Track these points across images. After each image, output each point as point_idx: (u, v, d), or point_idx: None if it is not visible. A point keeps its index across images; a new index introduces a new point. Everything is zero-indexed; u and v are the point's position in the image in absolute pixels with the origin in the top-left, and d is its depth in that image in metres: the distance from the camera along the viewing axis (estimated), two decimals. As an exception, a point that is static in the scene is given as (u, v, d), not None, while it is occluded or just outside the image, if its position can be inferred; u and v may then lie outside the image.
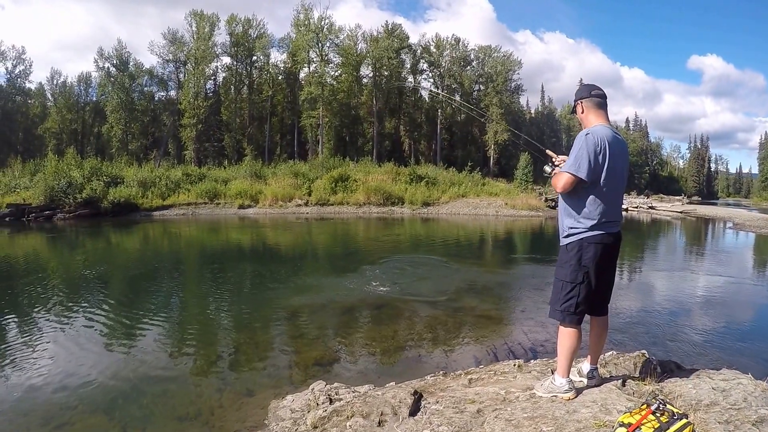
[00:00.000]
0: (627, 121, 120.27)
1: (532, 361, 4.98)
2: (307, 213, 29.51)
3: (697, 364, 5.88)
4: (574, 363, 3.79)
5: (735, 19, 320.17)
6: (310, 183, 34.31)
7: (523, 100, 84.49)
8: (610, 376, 4.05)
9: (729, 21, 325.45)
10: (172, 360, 6.38)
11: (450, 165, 47.61)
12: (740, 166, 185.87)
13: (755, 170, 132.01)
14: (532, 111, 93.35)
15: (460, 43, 67.92)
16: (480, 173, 46.84)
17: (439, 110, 66.64)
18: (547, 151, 4.12)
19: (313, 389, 4.73)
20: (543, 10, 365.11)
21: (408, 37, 63.76)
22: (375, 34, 61.28)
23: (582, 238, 3.43)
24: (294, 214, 28.47)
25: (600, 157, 3.32)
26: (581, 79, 75.46)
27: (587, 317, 3.64)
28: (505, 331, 7.94)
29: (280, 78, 61.15)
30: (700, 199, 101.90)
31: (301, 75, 59.51)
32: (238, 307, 8.98)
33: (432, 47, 66.88)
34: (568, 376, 3.60)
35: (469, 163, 47.22)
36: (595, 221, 3.39)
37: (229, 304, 9.13)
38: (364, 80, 61.98)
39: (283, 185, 33.43)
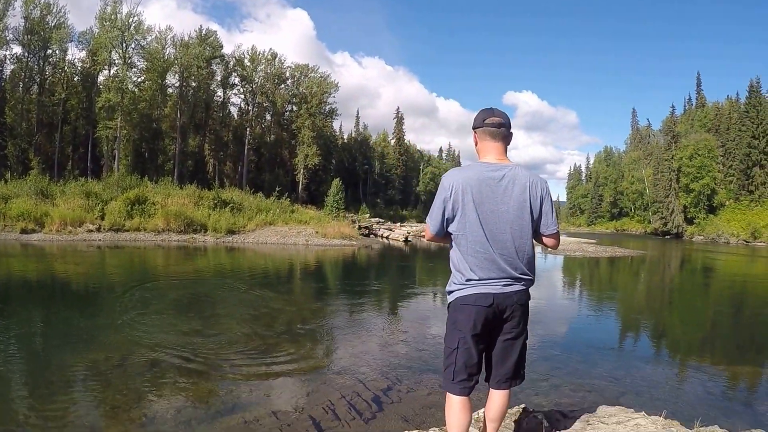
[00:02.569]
0: (440, 150, 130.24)
1: None
2: (100, 240, 28.38)
3: (570, 403, 6.82)
4: None
5: (551, 59, 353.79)
6: (104, 205, 32.61)
7: (336, 125, 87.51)
8: None
9: (545, 61, 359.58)
10: None
11: (257, 189, 47.89)
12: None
13: (563, 198, 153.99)
14: (345, 136, 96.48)
15: (277, 59, 68.35)
16: (289, 199, 47.96)
17: (248, 129, 66.62)
18: None
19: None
20: (365, 33, 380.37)
21: (222, 46, 63.23)
22: (186, 39, 59.40)
23: (456, 298, 3.23)
24: (85, 242, 27.31)
25: (450, 203, 3.11)
26: (399, 111, 79.48)
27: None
28: (337, 382, 8.06)
29: (76, 79, 56.54)
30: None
31: (100, 78, 55.74)
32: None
33: (246, 60, 66.39)
34: None
35: (278, 188, 48.00)
36: (467, 279, 3.16)
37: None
38: (170, 90, 59.86)
39: (73, 207, 31.30)
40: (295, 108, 71.11)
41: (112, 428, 6.14)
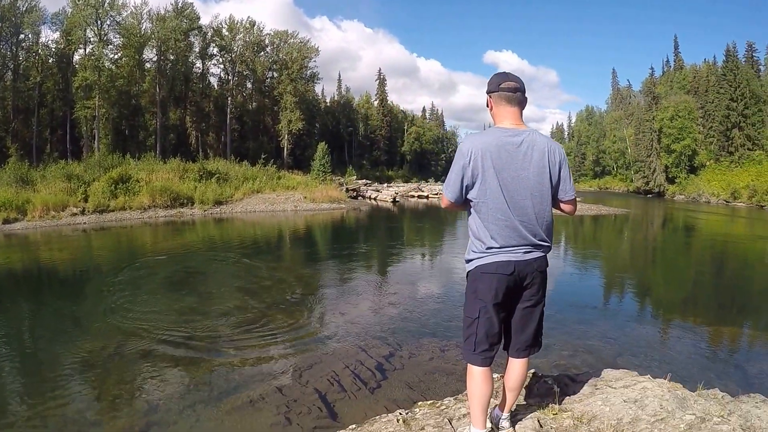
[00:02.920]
0: (424, 110, 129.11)
1: (417, 410, 4.31)
2: (85, 223, 27.71)
3: (573, 366, 6.98)
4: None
5: (531, 18, 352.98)
6: (86, 186, 31.62)
7: (318, 89, 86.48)
8: (515, 411, 3.71)
9: (525, 20, 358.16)
10: None
11: (242, 158, 47.39)
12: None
13: None
14: (328, 100, 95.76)
15: (255, 27, 67.16)
16: (275, 165, 47.42)
17: (229, 98, 65.71)
18: None
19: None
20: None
21: (199, 18, 61.66)
22: (162, 12, 57.63)
23: (476, 266, 3.17)
24: (70, 226, 26.65)
25: (469, 170, 3.03)
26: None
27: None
28: (338, 351, 8.06)
29: (51, 61, 54.51)
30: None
31: (76, 58, 54.01)
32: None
33: (224, 30, 65.20)
34: (483, 428, 3.25)
35: (263, 155, 47.48)
36: (488, 247, 3.09)
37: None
38: (147, 65, 58.53)
39: (54, 191, 30.27)
40: (275, 74, 69.99)
41: (116, 420, 5.93)
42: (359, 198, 47.95)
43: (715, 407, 3.57)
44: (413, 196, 54.35)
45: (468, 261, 3.24)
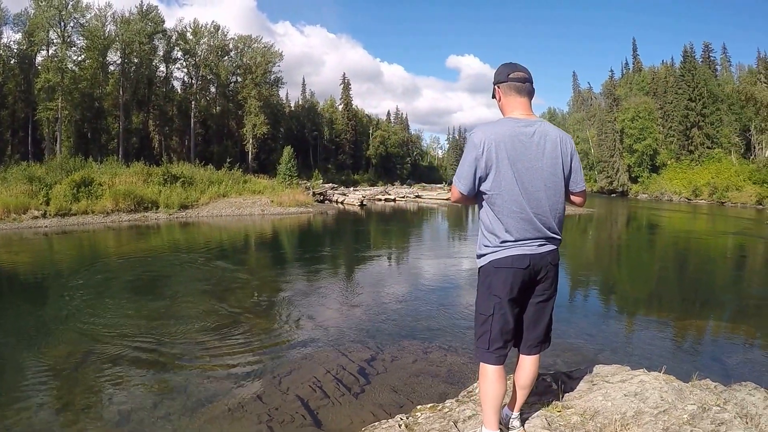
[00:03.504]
0: (388, 114, 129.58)
1: (419, 414, 4.22)
2: (46, 226, 27.01)
3: (561, 365, 6.91)
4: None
5: (493, 23, 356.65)
6: (48, 189, 30.74)
7: (282, 93, 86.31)
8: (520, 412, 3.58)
9: (487, 25, 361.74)
10: None
11: (206, 162, 46.66)
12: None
13: None
14: (292, 104, 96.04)
15: (220, 31, 66.98)
16: (240, 170, 47.14)
17: (193, 102, 65.07)
18: None
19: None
20: (305, 2, 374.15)
21: (163, 21, 61.50)
22: (127, 15, 57.36)
23: (490, 261, 3.06)
24: (31, 229, 25.98)
25: (483, 161, 2.92)
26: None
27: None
28: (317, 356, 7.87)
29: (12, 62, 53.53)
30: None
31: (39, 59, 53.32)
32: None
33: (189, 34, 64.72)
34: (497, 428, 3.16)
35: (229, 159, 47.33)
36: (502, 240, 3.00)
37: None
38: (111, 67, 57.91)
39: (15, 193, 29.41)
40: (239, 79, 69.80)
41: (91, 428, 5.70)
42: (326, 202, 47.87)
43: (711, 397, 3.65)
44: (380, 200, 54.64)
45: (480, 256, 3.13)
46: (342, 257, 19.48)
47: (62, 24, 50.34)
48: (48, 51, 51.24)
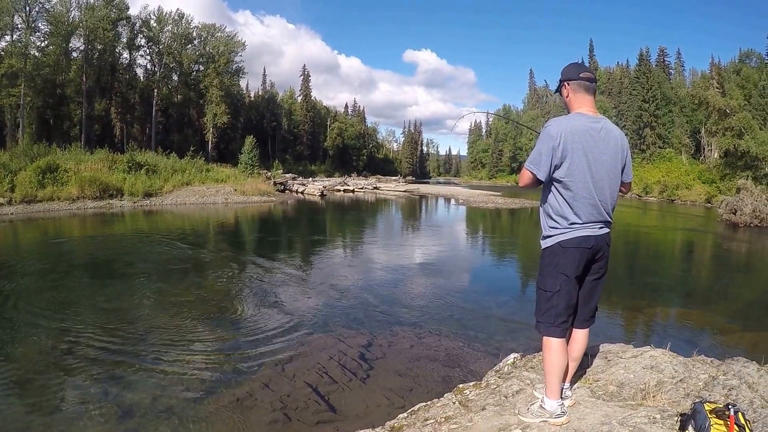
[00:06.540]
0: (346, 106, 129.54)
1: (467, 392, 4.45)
2: (12, 213, 26.37)
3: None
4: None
5: (450, 19, 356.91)
6: (13, 176, 29.85)
7: (243, 83, 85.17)
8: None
9: (444, 21, 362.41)
10: None
11: (168, 150, 45.85)
12: (449, 149, 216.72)
13: (463, 152, 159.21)
14: (252, 95, 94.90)
15: (184, 19, 65.50)
16: (202, 158, 47.03)
17: (156, 90, 63.68)
18: None
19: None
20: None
21: (128, 8, 59.77)
22: (92, 1, 55.50)
23: (558, 242, 3.31)
24: None
25: (559, 151, 3.17)
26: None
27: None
28: (315, 342, 7.84)
29: None
30: (414, 178, 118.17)
31: (1, 44, 50.50)
32: None
33: (153, 21, 63.24)
34: (560, 398, 3.42)
35: (192, 148, 47.14)
36: (571, 222, 3.26)
37: None
38: (74, 54, 56.18)
39: None
40: (202, 68, 68.61)
41: (91, 429, 5.23)
42: (287, 191, 48.16)
43: (712, 369, 4.07)
44: (339, 191, 55.29)
45: (546, 237, 3.39)
46: (312, 245, 19.50)
47: (27, 9, 48.58)
48: (12, 36, 49.08)
